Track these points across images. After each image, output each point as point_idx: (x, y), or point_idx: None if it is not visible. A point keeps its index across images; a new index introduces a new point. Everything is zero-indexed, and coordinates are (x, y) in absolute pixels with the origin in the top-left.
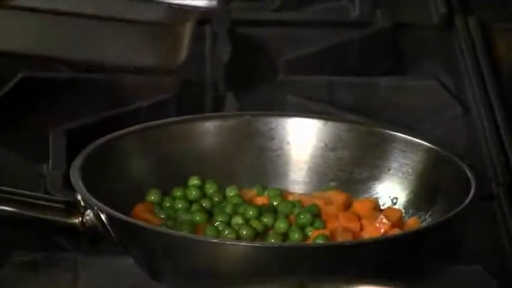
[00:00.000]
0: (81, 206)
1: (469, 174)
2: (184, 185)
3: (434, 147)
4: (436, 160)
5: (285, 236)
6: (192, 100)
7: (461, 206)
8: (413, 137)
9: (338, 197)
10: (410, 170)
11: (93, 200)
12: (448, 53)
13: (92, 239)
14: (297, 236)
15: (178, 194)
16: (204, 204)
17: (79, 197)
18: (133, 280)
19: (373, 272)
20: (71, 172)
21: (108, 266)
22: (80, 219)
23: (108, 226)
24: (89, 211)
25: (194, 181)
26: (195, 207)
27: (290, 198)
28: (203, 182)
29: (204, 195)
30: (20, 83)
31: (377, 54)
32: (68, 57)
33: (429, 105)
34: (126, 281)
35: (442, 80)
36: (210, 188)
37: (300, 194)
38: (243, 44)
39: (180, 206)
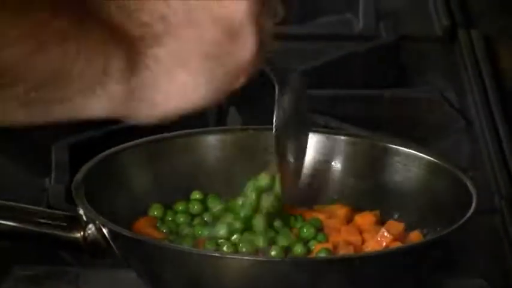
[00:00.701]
0: (83, 220)
1: (471, 187)
2: (187, 199)
3: (436, 160)
4: (438, 173)
5: (287, 249)
6: (195, 114)
7: (463, 220)
8: (415, 150)
9: (340, 211)
10: (412, 184)
11: (95, 215)
12: (451, 66)
13: (94, 253)
14: (300, 250)
15: (180, 208)
16: (205, 218)
17: (81, 212)
18: None
19: (375, 285)
20: (73, 186)
21: (110, 279)
22: (82, 233)
23: (110, 240)
24: (91, 225)
25: (196, 195)
26: (196, 221)
27: (292, 212)
28: (205, 195)
29: (206, 209)
30: None
31: (380, 67)
32: None
33: (432, 118)
34: None
35: (445, 93)
36: (212, 202)
37: (302, 208)
38: None
39: (181, 220)
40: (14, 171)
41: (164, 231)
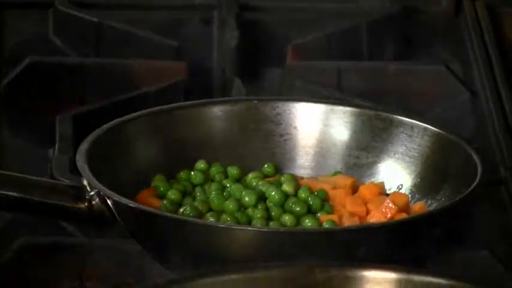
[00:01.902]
0: (88, 191)
1: (476, 158)
2: (191, 170)
3: (441, 131)
4: (442, 144)
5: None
6: (200, 85)
7: (468, 191)
8: (420, 121)
9: (345, 182)
10: (416, 155)
11: (100, 186)
12: (456, 38)
13: (99, 224)
14: (307, 221)
15: (184, 177)
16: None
17: (85, 182)
18: (141, 265)
19: (381, 257)
20: (77, 157)
21: (114, 250)
22: (87, 204)
23: (114, 211)
24: (95, 196)
25: (201, 165)
26: (199, 194)
27: (297, 182)
28: (209, 166)
29: (212, 179)
30: (28, 67)
31: (385, 39)
32: None
33: (437, 90)
34: (133, 266)
35: (450, 65)
36: (216, 172)
37: (307, 178)
38: (250, 30)
39: (184, 189)
40: (18, 143)
41: (164, 202)
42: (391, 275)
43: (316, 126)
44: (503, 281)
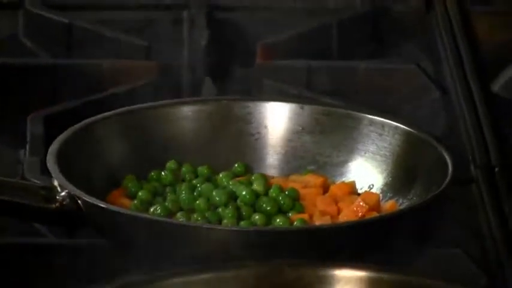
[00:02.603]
0: (58, 192)
1: (447, 157)
2: (161, 170)
3: (411, 130)
4: (413, 143)
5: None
6: (170, 85)
7: (439, 189)
8: (390, 120)
9: (316, 181)
10: (387, 153)
11: (70, 186)
12: (427, 36)
13: (69, 224)
14: (278, 220)
15: (155, 177)
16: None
17: (55, 183)
18: (111, 265)
19: (351, 255)
20: (47, 157)
21: (85, 250)
22: (57, 205)
23: (84, 212)
24: (66, 197)
25: (172, 165)
26: (169, 194)
27: (268, 181)
28: (180, 165)
29: (183, 179)
30: None
31: (356, 38)
32: None
33: (408, 88)
34: (104, 266)
35: (421, 63)
36: (187, 171)
37: (278, 177)
38: (220, 29)
39: (154, 190)
40: None
41: (135, 202)
42: (361, 274)
43: (286, 126)
44: (474, 279)
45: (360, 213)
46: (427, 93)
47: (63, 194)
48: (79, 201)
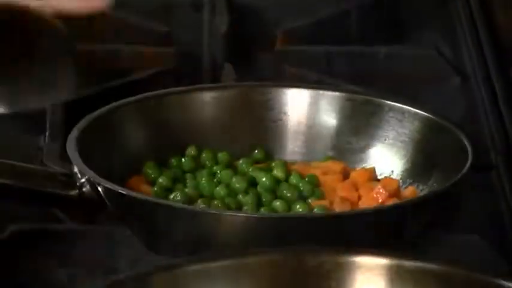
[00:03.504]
0: (78, 178)
1: (466, 143)
2: (181, 156)
3: (431, 116)
4: (433, 129)
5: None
6: (190, 71)
7: (459, 176)
8: (410, 106)
9: (336, 167)
10: (407, 139)
11: (90, 172)
12: (447, 22)
13: (89, 211)
14: (298, 206)
15: (175, 163)
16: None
17: (76, 169)
18: (132, 251)
19: (371, 242)
20: (67, 144)
21: (104, 237)
22: (77, 191)
23: (105, 198)
24: (86, 183)
25: (191, 151)
26: (190, 180)
27: (288, 168)
28: (200, 151)
29: (203, 166)
30: None
31: (375, 24)
32: None
33: (428, 74)
34: (124, 252)
35: (441, 49)
36: (207, 158)
37: (298, 164)
38: (241, 15)
39: (175, 176)
40: (8, 130)
41: (156, 188)
42: (382, 261)
43: (306, 112)
44: (495, 266)
45: (380, 200)
46: (446, 79)
47: (83, 180)
48: (99, 188)
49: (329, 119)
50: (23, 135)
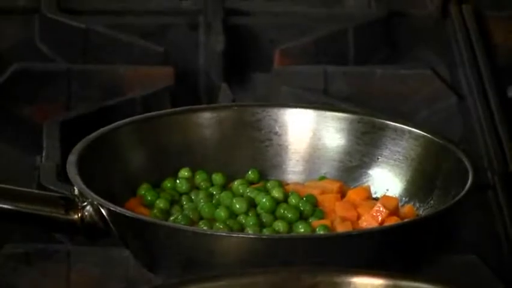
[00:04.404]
0: (80, 201)
1: (466, 161)
2: (175, 177)
3: (426, 134)
4: (429, 148)
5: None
6: (187, 91)
7: (462, 193)
8: (403, 124)
9: (332, 186)
10: (401, 158)
11: (95, 196)
12: (443, 42)
13: (91, 234)
14: (300, 227)
15: (169, 185)
16: (193, 197)
17: (76, 192)
18: (127, 271)
19: (368, 262)
20: (67, 168)
21: (100, 257)
22: (79, 215)
23: (109, 221)
24: (88, 206)
25: (185, 173)
26: (186, 202)
27: (284, 188)
28: (194, 173)
29: (197, 187)
30: (14, 74)
31: (372, 44)
32: None
33: (424, 94)
34: (119, 273)
35: (437, 68)
36: (201, 179)
37: (293, 184)
38: (237, 34)
39: (170, 197)
40: (4, 150)
41: (155, 211)
42: (378, 281)
43: (301, 131)
44: (491, 286)
45: (380, 218)
46: (443, 99)
47: (85, 203)
48: (102, 211)
49: (323, 138)
50: (18, 154)
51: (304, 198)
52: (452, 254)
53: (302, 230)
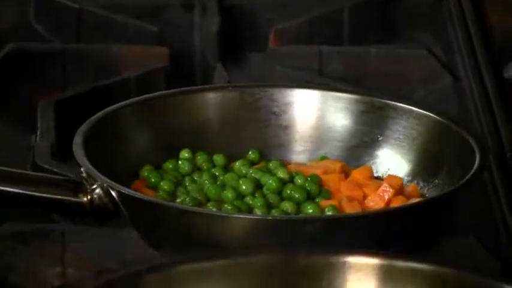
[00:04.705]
0: (88, 183)
1: (471, 141)
2: (175, 159)
3: (425, 112)
4: (432, 126)
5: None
6: (182, 71)
7: (471, 173)
8: (404, 103)
9: (335, 166)
10: (402, 137)
11: (104, 178)
12: (439, 23)
13: (100, 216)
14: (309, 207)
15: (170, 166)
16: (195, 177)
17: (84, 174)
18: (122, 251)
19: (380, 242)
20: (74, 151)
21: (95, 237)
22: (88, 197)
23: (119, 203)
24: (97, 189)
25: (185, 154)
26: (189, 184)
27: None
28: (193, 154)
29: (198, 168)
30: (9, 54)
31: (367, 24)
32: None
33: (419, 74)
34: (114, 252)
35: (432, 49)
36: (202, 160)
37: (294, 164)
38: (232, 15)
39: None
40: None
41: (161, 193)
42: (373, 261)
43: (298, 112)
44: (487, 267)
45: (387, 197)
46: (438, 79)
47: (94, 186)
48: (113, 193)
49: (321, 118)
50: (13, 134)
51: (309, 178)
52: (449, 235)
53: (311, 211)
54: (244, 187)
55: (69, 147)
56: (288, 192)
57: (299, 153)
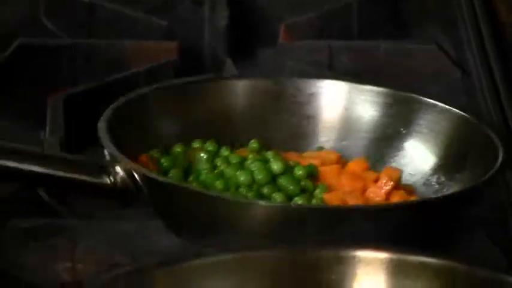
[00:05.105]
0: (110, 165)
1: (493, 136)
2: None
3: (449, 107)
4: (454, 121)
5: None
6: (191, 66)
7: (494, 169)
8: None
9: (331, 157)
10: (425, 130)
11: (128, 161)
12: (449, 18)
13: (123, 198)
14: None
15: (178, 150)
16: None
17: (107, 157)
18: (132, 246)
19: (387, 236)
20: (100, 134)
21: (105, 232)
22: (112, 179)
23: (141, 186)
24: (120, 172)
25: (196, 144)
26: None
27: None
28: (204, 143)
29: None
30: (18, 49)
31: (377, 19)
32: None
33: (429, 69)
34: (124, 247)
35: (442, 43)
36: (210, 147)
37: (289, 153)
38: (242, 9)
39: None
40: (9, 124)
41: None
42: (382, 255)
43: (322, 103)
44: (497, 262)
45: (387, 189)
46: (447, 74)
47: (117, 168)
48: (136, 176)
49: (348, 110)
50: (23, 128)
51: (307, 169)
52: (458, 230)
53: (314, 202)
54: (259, 176)
55: (79, 142)
56: (283, 183)
57: (322, 143)
